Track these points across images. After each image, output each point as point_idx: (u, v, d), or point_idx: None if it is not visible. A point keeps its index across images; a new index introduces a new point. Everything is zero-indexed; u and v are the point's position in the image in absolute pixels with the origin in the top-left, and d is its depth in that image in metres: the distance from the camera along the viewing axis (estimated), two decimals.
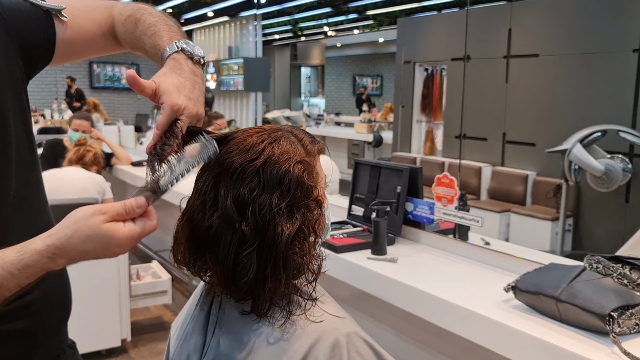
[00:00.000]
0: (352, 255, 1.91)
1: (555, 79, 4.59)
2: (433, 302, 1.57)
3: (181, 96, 0.87)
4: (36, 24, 1.01)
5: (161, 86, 0.87)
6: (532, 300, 1.41)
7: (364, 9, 8.97)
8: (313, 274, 0.86)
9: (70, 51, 1.08)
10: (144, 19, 1.04)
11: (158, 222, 0.78)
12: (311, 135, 0.91)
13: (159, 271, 3.55)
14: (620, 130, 3.83)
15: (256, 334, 0.83)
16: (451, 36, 5.71)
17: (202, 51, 0.97)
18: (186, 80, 0.90)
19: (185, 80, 0.90)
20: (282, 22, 10.58)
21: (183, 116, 0.86)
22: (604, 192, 3.89)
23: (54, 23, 1.03)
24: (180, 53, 0.94)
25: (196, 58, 0.94)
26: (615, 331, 1.22)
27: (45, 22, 1.02)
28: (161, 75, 0.89)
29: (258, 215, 0.80)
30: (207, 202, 0.82)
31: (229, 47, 8.94)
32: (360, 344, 0.84)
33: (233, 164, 0.82)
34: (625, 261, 1.48)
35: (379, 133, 7.82)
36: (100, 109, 7.21)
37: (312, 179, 0.85)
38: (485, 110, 5.04)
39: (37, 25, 1.01)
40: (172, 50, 0.95)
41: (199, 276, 0.88)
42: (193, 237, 0.84)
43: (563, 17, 4.59)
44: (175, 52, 0.94)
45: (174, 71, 0.91)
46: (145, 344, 3.33)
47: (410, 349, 1.95)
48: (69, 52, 1.07)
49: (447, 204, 2.03)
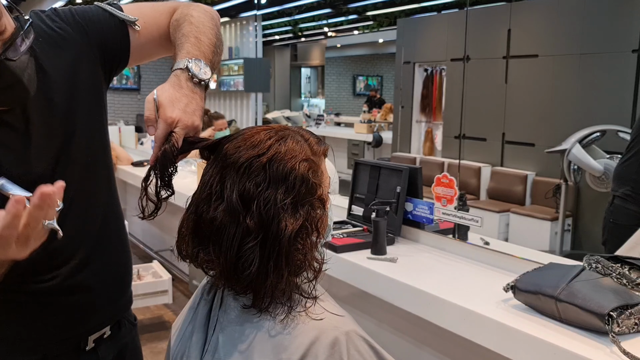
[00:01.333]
0: (352, 255, 1.92)
1: (555, 80, 4.59)
2: (432, 301, 1.57)
3: (175, 110, 0.92)
4: (114, 34, 1.09)
5: (158, 100, 0.93)
6: (531, 300, 1.42)
7: (363, 10, 8.96)
8: (314, 272, 0.87)
9: (142, 55, 1.17)
10: (183, 26, 1.10)
11: (158, 223, 0.79)
12: (318, 137, 0.93)
13: (160, 271, 3.56)
14: (620, 130, 3.83)
15: (257, 327, 0.84)
16: (451, 37, 5.71)
17: (208, 74, 1.00)
18: (182, 96, 0.95)
19: (181, 96, 0.95)
20: (282, 23, 10.58)
21: (177, 128, 0.92)
22: (603, 192, 3.89)
23: (129, 31, 1.11)
24: (185, 71, 0.98)
25: (195, 80, 0.98)
26: (614, 331, 1.22)
27: (122, 31, 1.10)
28: (159, 89, 0.95)
29: (263, 210, 0.81)
30: (213, 195, 0.84)
31: (229, 48, 8.94)
32: (360, 342, 0.85)
33: (240, 158, 0.84)
34: (625, 261, 1.49)
35: (378, 133, 7.82)
36: None
37: (317, 178, 0.87)
38: (484, 111, 5.05)
39: (114, 35, 1.09)
40: (177, 66, 0.99)
41: (202, 268, 0.89)
42: (197, 229, 0.85)
43: (562, 18, 4.59)
44: (179, 68, 0.99)
45: (172, 86, 0.96)
46: (145, 344, 3.33)
47: (410, 349, 1.96)
48: (140, 56, 1.16)
49: (446, 204, 2.03)
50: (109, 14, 1.09)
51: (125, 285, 1.23)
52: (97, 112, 1.11)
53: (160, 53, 1.19)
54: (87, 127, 1.06)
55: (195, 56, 1.01)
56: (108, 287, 1.16)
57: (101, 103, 1.12)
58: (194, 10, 1.14)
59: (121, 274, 1.21)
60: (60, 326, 1.07)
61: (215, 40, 1.11)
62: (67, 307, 1.07)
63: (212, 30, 1.11)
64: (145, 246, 4.83)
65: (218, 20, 1.18)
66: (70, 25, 1.05)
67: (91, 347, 1.13)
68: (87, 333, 1.12)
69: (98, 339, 1.13)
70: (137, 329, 1.29)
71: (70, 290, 1.06)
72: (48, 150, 0.99)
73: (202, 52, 1.04)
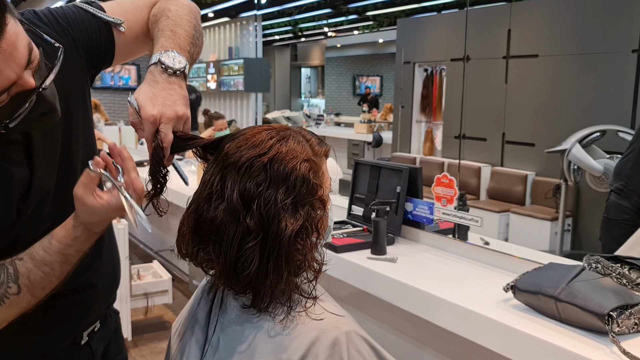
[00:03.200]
0: (352, 255, 1.92)
1: (555, 80, 4.60)
2: (432, 301, 1.58)
3: (155, 106, 0.92)
4: (99, 36, 1.07)
5: (137, 102, 0.92)
6: (531, 299, 1.42)
7: (364, 10, 8.97)
8: (314, 272, 0.87)
9: (126, 55, 1.15)
10: (160, 21, 1.08)
11: (158, 223, 0.79)
12: (319, 137, 0.93)
13: (160, 271, 3.56)
14: (620, 130, 3.83)
15: (257, 327, 0.84)
16: (451, 37, 5.71)
17: (183, 62, 0.99)
18: (159, 91, 0.94)
19: (158, 91, 0.94)
20: (282, 23, 10.58)
21: (162, 124, 0.91)
22: (603, 192, 3.88)
23: (113, 33, 1.09)
24: (158, 65, 0.97)
25: (170, 72, 0.97)
26: (614, 331, 1.22)
27: (107, 32, 1.08)
28: (137, 91, 0.94)
29: (263, 209, 0.81)
30: (214, 194, 0.84)
31: (229, 48, 8.94)
32: (360, 342, 0.85)
33: (241, 158, 0.84)
34: (625, 261, 1.49)
35: (378, 133, 7.82)
36: (101, 110, 7.21)
37: (317, 178, 0.87)
38: (484, 111, 5.05)
39: (99, 38, 1.07)
40: (151, 62, 0.98)
41: (202, 267, 0.89)
42: (197, 228, 0.85)
43: (562, 18, 4.60)
44: (153, 64, 0.98)
45: (148, 84, 0.95)
46: (145, 344, 3.33)
47: (410, 349, 1.96)
48: (125, 56, 1.15)
49: (446, 204, 2.03)
50: (92, 15, 1.07)
51: (118, 280, 1.26)
52: (87, 115, 1.10)
53: (142, 50, 1.17)
54: (81, 131, 1.06)
55: (168, 48, 1.00)
56: (106, 283, 1.19)
57: (89, 105, 1.11)
58: (171, 4, 1.12)
59: (115, 269, 1.24)
60: (63, 325, 1.09)
61: (194, 32, 1.09)
62: (71, 306, 1.09)
63: (189, 23, 1.09)
64: (145, 246, 4.83)
65: (197, 13, 1.17)
66: (54, 29, 1.02)
67: (85, 341, 1.15)
68: (83, 329, 1.14)
69: (90, 333, 1.16)
70: (118, 316, 1.33)
71: (75, 290, 1.08)
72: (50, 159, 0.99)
73: (177, 43, 1.03)
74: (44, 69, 0.83)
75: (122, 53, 1.12)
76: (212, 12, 8.73)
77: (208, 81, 9.28)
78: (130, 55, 1.17)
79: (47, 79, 0.82)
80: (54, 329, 1.07)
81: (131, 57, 1.18)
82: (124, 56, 1.15)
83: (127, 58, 1.17)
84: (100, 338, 1.19)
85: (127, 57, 1.17)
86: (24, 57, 0.77)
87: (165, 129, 0.92)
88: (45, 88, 0.82)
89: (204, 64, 9.31)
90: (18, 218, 0.93)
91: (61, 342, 1.10)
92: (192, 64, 1.07)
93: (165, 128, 0.92)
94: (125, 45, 1.12)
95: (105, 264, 1.18)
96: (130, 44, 1.13)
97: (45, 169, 0.97)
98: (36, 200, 0.95)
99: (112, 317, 1.27)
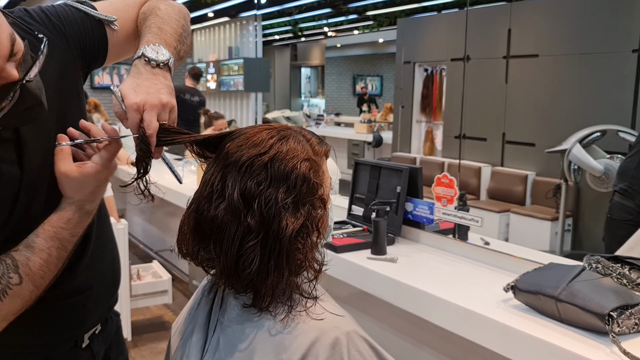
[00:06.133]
0: (352, 255, 1.92)
1: (555, 79, 4.59)
2: (433, 301, 1.57)
3: (139, 95, 0.92)
4: (92, 34, 1.07)
5: (121, 92, 0.93)
6: (531, 300, 1.42)
7: (364, 10, 8.97)
8: (314, 272, 0.87)
9: (119, 54, 1.15)
10: (149, 19, 1.08)
11: (158, 222, 0.80)
12: (319, 137, 0.93)
13: (160, 271, 3.56)
14: (620, 130, 3.83)
15: (257, 325, 0.84)
16: (451, 36, 5.71)
17: (166, 55, 0.99)
18: (143, 81, 0.94)
19: (141, 81, 0.94)
20: (282, 23, 10.58)
21: (145, 112, 0.91)
22: (604, 192, 3.89)
23: (106, 31, 1.09)
24: (141, 58, 0.97)
25: (153, 64, 0.97)
26: (614, 331, 1.22)
27: (100, 31, 1.08)
28: (122, 83, 0.95)
29: (264, 208, 0.81)
30: (215, 193, 0.84)
31: (229, 48, 8.94)
32: (360, 342, 0.85)
33: (242, 157, 0.84)
34: (625, 261, 1.49)
35: (378, 133, 7.82)
36: (101, 110, 7.22)
37: (318, 177, 0.87)
38: (485, 111, 5.05)
39: (93, 36, 1.07)
40: (135, 56, 0.99)
41: (202, 267, 0.89)
42: (198, 228, 0.86)
43: (563, 18, 4.60)
44: (137, 57, 0.98)
45: (132, 76, 0.96)
46: (145, 344, 3.33)
47: (410, 349, 1.95)
48: (118, 54, 1.14)
49: (446, 204, 2.03)
50: (84, 13, 1.06)
51: (118, 282, 1.26)
52: (82, 113, 1.09)
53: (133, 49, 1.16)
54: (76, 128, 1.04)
55: (152, 42, 1.00)
56: (105, 285, 1.19)
57: (83, 104, 1.11)
58: (162, 3, 1.13)
59: (116, 271, 1.24)
60: (63, 329, 1.08)
61: (181, 32, 1.09)
62: (72, 308, 1.09)
63: (177, 22, 1.10)
64: (145, 246, 4.83)
65: (187, 15, 1.17)
66: (47, 27, 1.01)
67: (86, 344, 1.15)
68: (85, 331, 1.14)
69: (91, 335, 1.16)
70: (119, 318, 1.32)
71: (75, 292, 1.07)
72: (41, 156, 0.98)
73: (163, 39, 1.03)
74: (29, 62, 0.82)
75: (114, 51, 1.12)
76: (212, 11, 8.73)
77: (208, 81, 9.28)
78: (122, 54, 1.16)
79: (30, 71, 0.80)
80: (55, 331, 1.07)
81: (123, 55, 1.18)
82: (117, 54, 1.14)
83: (119, 57, 1.16)
84: (101, 341, 1.19)
85: (119, 56, 1.16)
86: (5, 48, 0.76)
87: (149, 116, 0.91)
88: (30, 80, 0.81)
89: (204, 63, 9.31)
90: (10, 216, 0.93)
91: (62, 345, 1.10)
92: (179, 60, 1.07)
93: (149, 115, 0.91)
94: (118, 43, 1.12)
95: (105, 265, 1.18)
96: (123, 41, 1.12)
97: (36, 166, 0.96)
98: (27, 198, 0.95)
99: (113, 320, 1.27)
